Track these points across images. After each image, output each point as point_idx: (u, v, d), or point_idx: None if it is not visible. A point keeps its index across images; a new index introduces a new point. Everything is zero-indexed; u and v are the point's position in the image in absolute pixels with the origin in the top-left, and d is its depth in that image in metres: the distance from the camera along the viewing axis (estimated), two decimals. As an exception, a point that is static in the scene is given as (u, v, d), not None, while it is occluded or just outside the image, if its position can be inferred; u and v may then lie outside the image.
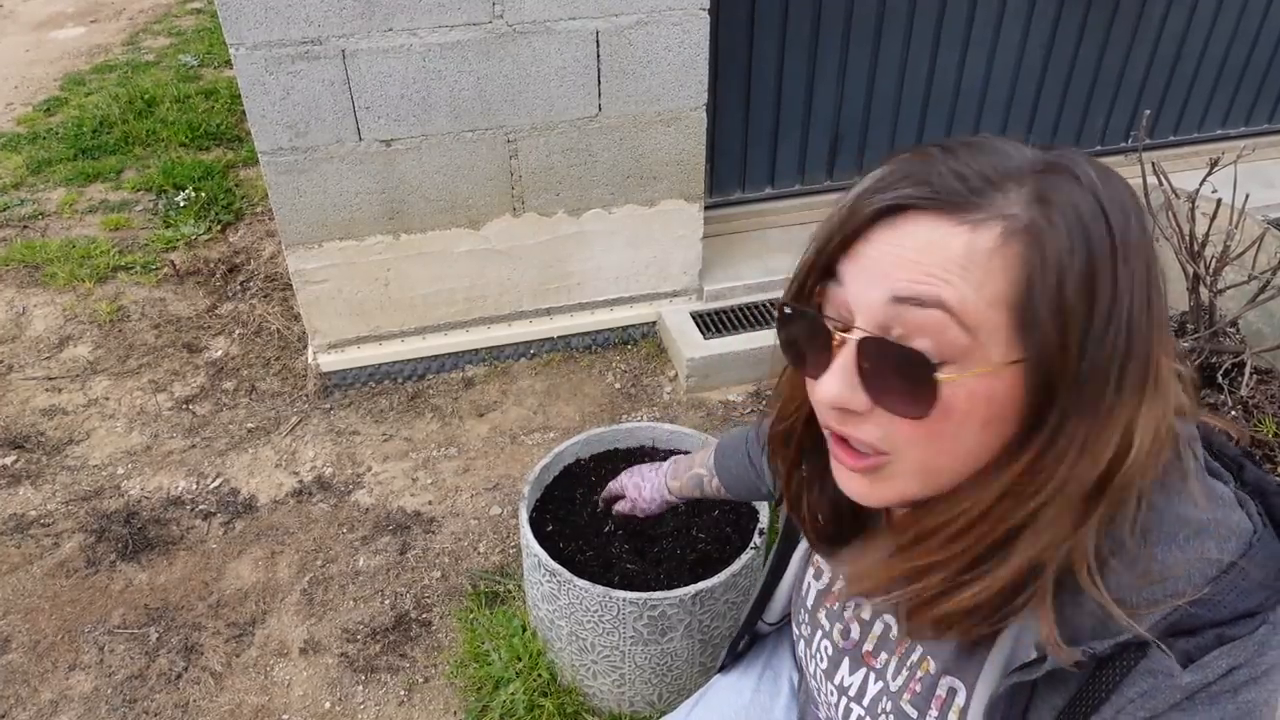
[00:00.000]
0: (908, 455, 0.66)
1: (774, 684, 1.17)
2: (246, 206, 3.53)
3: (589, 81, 2.31)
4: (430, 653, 1.90)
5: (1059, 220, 0.60)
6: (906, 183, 0.63)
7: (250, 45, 2.05)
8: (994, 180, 0.62)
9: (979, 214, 0.61)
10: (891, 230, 0.63)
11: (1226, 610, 0.64)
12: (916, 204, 0.62)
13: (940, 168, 0.62)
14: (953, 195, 0.61)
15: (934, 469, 0.66)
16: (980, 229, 0.61)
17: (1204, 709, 0.64)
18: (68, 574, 2.09)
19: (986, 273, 0.60)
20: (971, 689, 0.75)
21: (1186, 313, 1.99)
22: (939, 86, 2.89)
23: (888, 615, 0.85)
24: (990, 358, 0.61)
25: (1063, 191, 0.61)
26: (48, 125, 4.21)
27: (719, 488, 1.32)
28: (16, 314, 2.95)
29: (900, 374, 0.62)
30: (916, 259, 0.61)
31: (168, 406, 2.58)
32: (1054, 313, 0.60)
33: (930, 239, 0.61)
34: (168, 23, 5.69)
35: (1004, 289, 0.60)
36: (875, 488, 0.69)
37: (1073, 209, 0.61)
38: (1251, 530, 0.67)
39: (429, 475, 2.33)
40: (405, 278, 2.49)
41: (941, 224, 0.61)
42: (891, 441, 0.65)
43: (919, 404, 0.62)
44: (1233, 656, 0.63)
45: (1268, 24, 3.10)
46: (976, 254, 0.60)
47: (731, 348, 2.57)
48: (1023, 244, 0.60)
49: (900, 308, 0.61)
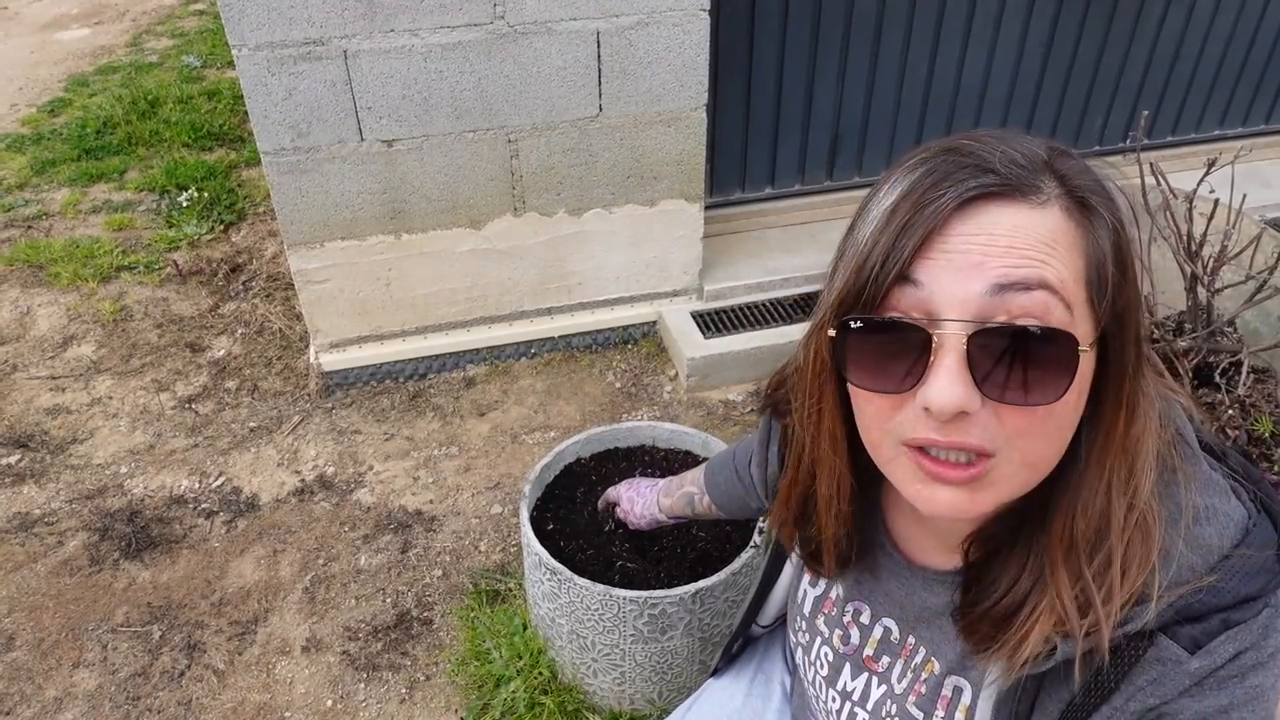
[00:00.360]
0: (1012, 453, 0.62)
1: (766, 687, 1.18)
2: (249, 206, 3.55)
3: (590, 82, 2.32)
4: (431, 651, 1.91)
5: (1095, 201, 0.64)
6: (969, 173, 0.62)
7: (253, 46, 2.06)
8: (1038, 164, 0.63)
9: (1042, 195, 0.62)
10: (969, 222, 0.61)
11: (1230, 595, 0.65)
12: (991, 192, 0.61)
13: (995, 156, 0.62)
14: (1020, 180, 0.62)
15: (1035, 461, 0.64)
16: (1047, 209, 0.62)
17: (1213, 694, 0.64)
18: (71, 572, 2.10)
19: (1067, 250, 0.62)
20: (978, 687, 0.76)
21: (1184, 312, 2.00)
22: (939, 86, 2.90)
23: (887, 619, 0.85)
24: (1085, 332, 0.62)
25: (1082, 174, 0.64)
26: (52, 126, 4.23)
27: (710, 505, 1.31)
28: (21, 314, 2.96)
29: (1034, 359, 0.60)
30: (1010, 244, 0.60)
31: (170, 406, 2.59)
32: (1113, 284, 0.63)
33: (1015, 223, 0.61)
34: (171, 24, 5.70)
35: (1079, 263, 0.62)
36: (976, 497, 0.64)
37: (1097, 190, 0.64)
38: (1246, 516, 0.68)
39: (430, 474, 2.34)
40: (406, 277, 2.50)
41: (1019, 209, 0.62)
42: (996, 439, 0.62)
43: (1056, 386, 0.60)
44: (1239, 641, 0.64)
45: (1265, 24, 3.11)
46: (1055, 233, 0.62)
47: (731, 347, 2.57)
48: (1081, 222, 0.63)
49: (1003, 296, 0.60)
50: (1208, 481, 0.69)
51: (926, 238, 0.61)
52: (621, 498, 1.54)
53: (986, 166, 0.62)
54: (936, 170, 0.63)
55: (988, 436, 0.61)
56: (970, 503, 0.64)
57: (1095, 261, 0.62)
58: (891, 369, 0.63)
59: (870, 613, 0.86)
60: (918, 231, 0.61)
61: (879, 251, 0.63)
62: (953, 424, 0.61)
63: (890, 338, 0.62)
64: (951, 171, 0.62)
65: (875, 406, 0.66)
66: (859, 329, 0.64)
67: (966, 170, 0.62)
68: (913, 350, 0.61)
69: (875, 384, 0.64)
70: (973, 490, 0.63)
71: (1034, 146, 0.64)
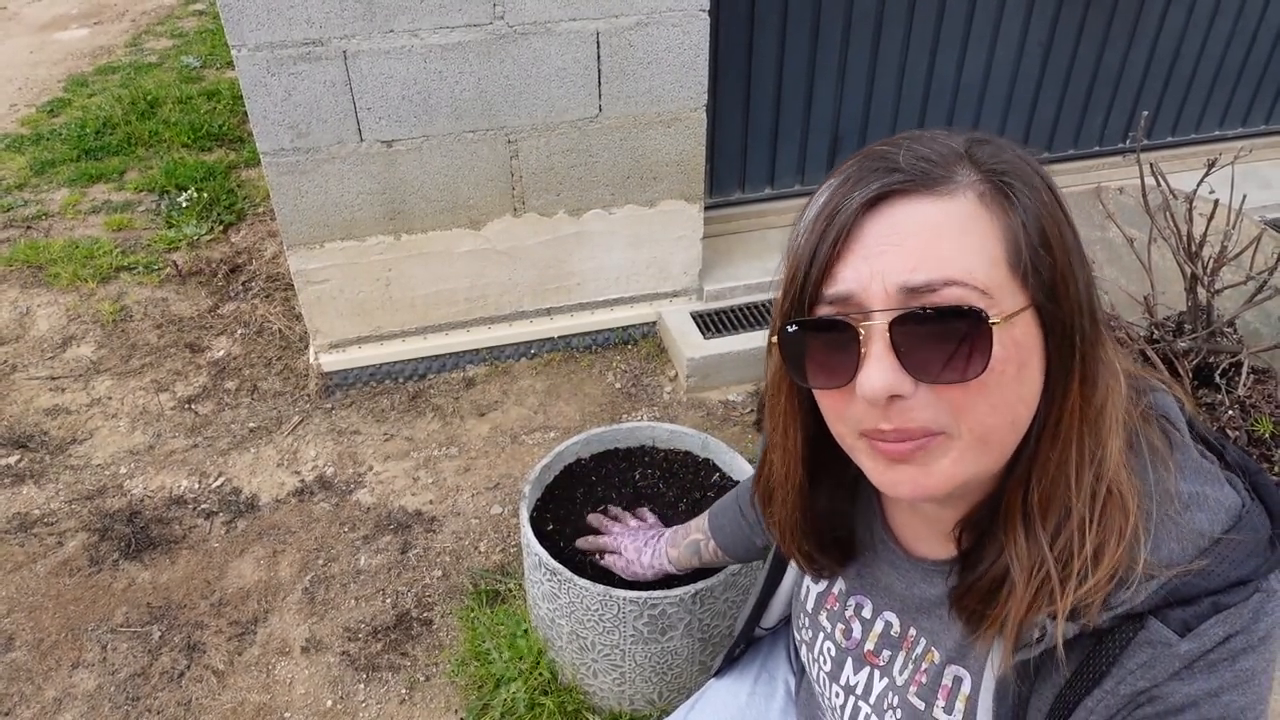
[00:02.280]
0: (961, 427, 0.65)
1: (769, 687, 1.18)
2: (248, 207, 3.55)
3: (589, 82, 2.32)
4: (431, 651, 1.91)
5: (1016, 182, 0.65)
6: (877, 175, 0.65)
7: (252, 46, 2.06)
8: (950, 158, 0.66)
9: (950, 185, 0.65)
10: (880, 221, 0.65)
11: (1220, 579, 0.65)
12: (896, 189, 0.65)
13: (901, 155, 0.66)
14: (924, 175, 0.65)
15: (984, 434, 0.65)
16: (956, 199, 0.64)
17: (1203, 677, 0.65)
18: (71, 573, 2.10)
19: (981, 236, 0.64)
20: (977, 674, 0.77)
21: (1184, 312, 2.00)
22: (938, 86, 2.90)
23: (888, 613, 0.86)
24: (1007, 308, 0.64)
25: (1002, 158, 0.66)
26: (51, 126, 4.23)
27: (716, 550, 1.33)
28: (20, 314, 2.96)
29: (949, 338, 0.62)
30: (914, 244, 0.63)
31: (170, 406, 2.59)
32: (1036, 259, 0.64)
33: (921, 218, 0.64)
34: (170, 24, 5.70)
35: (994, 247, 0.64)
36: (932, 473, 0.66)
37: (1019, 171, 0.66)
38: (1240, 504, 0.69)
39: (430, 475, 2.34)
40: (406, 278, 2.50)
41: (926, 202, 0.64)
42: (940, 418, 0.64)
43: (978, 360, 0.63)
44: (1229, 624, 0.65)
45: (1265, 24, 3.11)
46: (966, 220, 0.64)
47: (731, 347, 2.57)
48: (998, 205, 0.65)
49: (915, 295, 0.63)
50: (1198, 469, 0.70)
51: (843, 241, 0.65)
52: (625, 546, 1.53)
53: (892, 166, 0.65)
54: (850, 176, 0.67)
55: (932, 416, 0.64)
56: (928, 478, 0.66)
57: (1014, 242, 0.64)
58: (834, 366, 0.67)
59: (872, 607, 0.87)
60: (832, 236, 0.66)
61: (805, 259, 0.68)
62: (895, 410, 0.64)
63: (828, 337, 0.67)
64: (863, 175, 0.66)
65: (830, 403, 0.70)
66: (795, 333, 0.68)
67: (875, 173, 0.66)
68: (847, 345, 0.65)
69: (821, 382, 0.69)
70: (926, 466, 0.66)
71: (950, 141, 0.67)
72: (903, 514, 0.83)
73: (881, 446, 0.67)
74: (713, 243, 2.79)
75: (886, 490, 0.69)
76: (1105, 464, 0.67)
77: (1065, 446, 0.66)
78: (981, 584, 0.71)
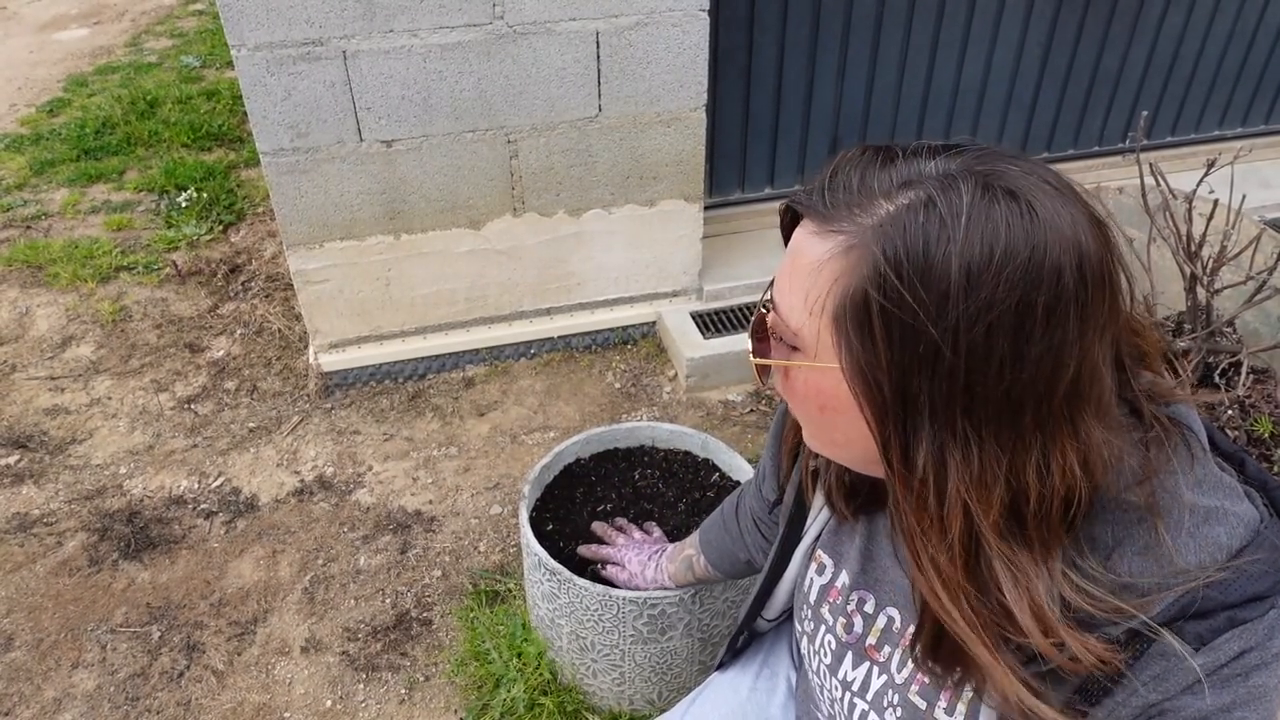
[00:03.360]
0: (801, 418, 0.76)
1: (771, 681, 1.18)
2: (248, 207, 3.55)
3: (589, 82, 2.32)
4: (431, 651, 1.91)
5: (896, 245, 0.59)
6: (810, 186, 0.67)
7: (252, 46, 2.06)
8: (870, 194, 0.62)
9: (837, 225, 0.63)
10: (797, 232, 0.68)
11: (1236, 593, 0.65)
12: (802, 208, 0.67)
13: (839, 176, 0.65)
14: (821, 205, 0.65)
15: (830, 440, 0.74)
16: (827, 239, 0.64)
17: (1215, 692, 0.64)
18: (70, 573, 2.10)
19: (814, 282, 0.64)
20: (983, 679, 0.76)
21: (1184, 312, 2.00)
22: (938, 86, 2.90)
23: (890, 608, 0.85)
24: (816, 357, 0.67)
25: (922, 218, 0.59)
26: (51, 126, 4.23)
27: (706, 566, 1.35)
28: (20, 314, 2.96)
29: (758, 338, 0.73)
30: (790, 263, 0.68)
31: (170, 406, 2.59)
32: (862, 329, 0.61)
33: (800, 244, 0.67)
34: (170, 24, 5.70)
35: (825, 300, 0.64)
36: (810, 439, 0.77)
37: (921, 236, 0.59)
38: (1259, 519, 0.68)
39: (429, 475, 2.34)
40: (406, 278, 2.50)
41: (810, 230, 0.66)
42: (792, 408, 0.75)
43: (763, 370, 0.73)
44: (1244, 640, 0.64)
45: (1265, 24, 3.11)
46: (814, 263, 0.64)
47: (731, 347, 2.57)
48: (849, 261, 0.62)
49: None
50: (1218, 483, 0.69)
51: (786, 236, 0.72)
52: (628, 560, 1.54)
53: (819, 184, 0.66)
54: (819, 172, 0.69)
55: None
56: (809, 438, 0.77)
57: (845, 303, 0.63)
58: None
59: (875, 601, 0.87)
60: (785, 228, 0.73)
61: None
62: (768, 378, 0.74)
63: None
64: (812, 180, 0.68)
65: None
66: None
67: (813, 182, 0.67)
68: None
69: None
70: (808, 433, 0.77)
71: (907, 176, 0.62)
72: None
73: None
74: (712, 242, 2.79)
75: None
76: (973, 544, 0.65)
77: (904, 517, 0.67)
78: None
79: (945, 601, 0.66)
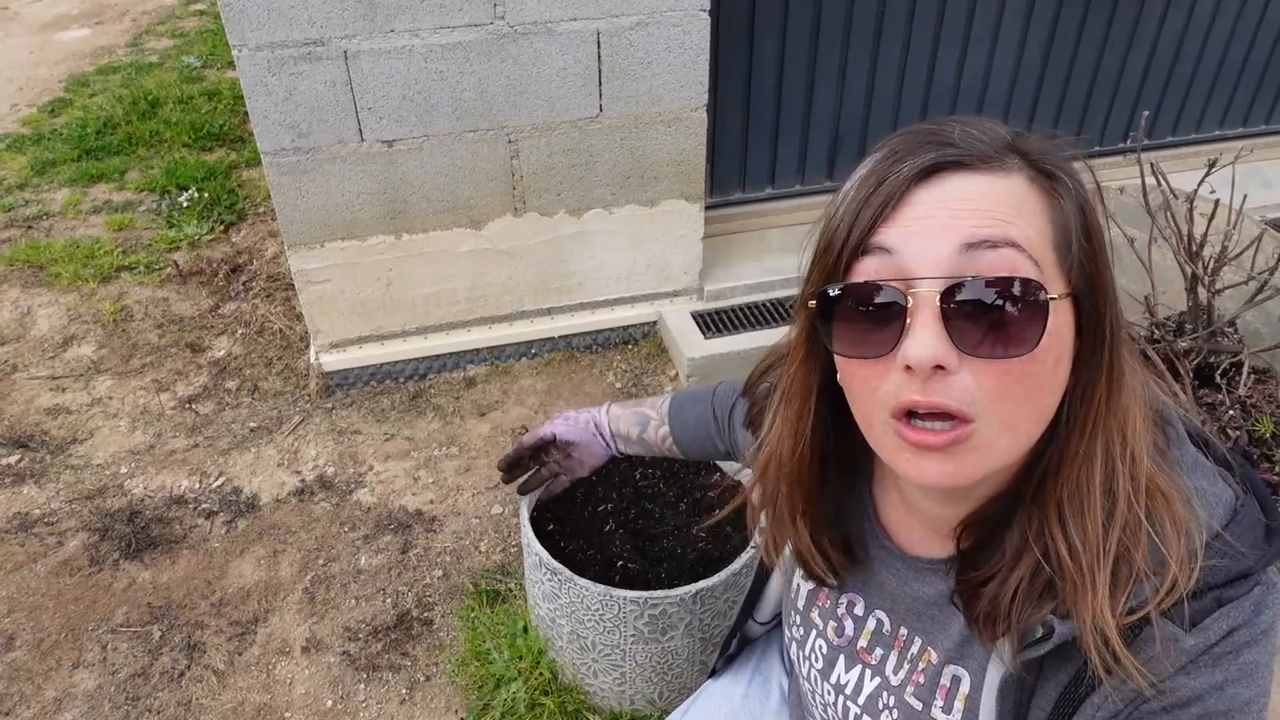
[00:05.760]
0: (991, 414, 0.63)
1: (763, 688, 1.18)
2: (249, 207, 3.55)
3: (590, 82, 2.32)
4: (432, 651, 1.91)
5: (1060, 173, 0.66)
6: (929, 148, 0.65)
7: (253, 46, 2.06)
8: (999, 142, 0.67)
9: (1003, 166, 0.65)
10: (932, 190, 0.64)
11: (1222, 573, 0.66)
12: (950, 162, 0.65)
13: (955, 132, 0.66)
14: (980, 152, 0.65)
15: (1014, 423, 0.64)
16: (1011, 177, 0.65)
17: (1207, 671, 0.66)
18: (71, 572, 2.10)
19: (1032, 214, 0.65)
20: (978, 673, 0.76)
21: (1185, 312, 1.99)
22: (938, 87, 2.90)
23: (880, 611, 0.85)
24: (1054, 289, 0.64)
25: (1046, 152, 0.67)
26: (52, 126, 4.23)
27: (665, 437, 1.25)
28: (21, 314, 2.96)
29: (1005, 311, 0.61)
30: (975, 207, 0.63)
31: (170, 406, 2.59)
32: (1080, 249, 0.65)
33: (977, 189, 0.64)
34: (171, 24, 5.71)
35: (1045, 228, 0.65)
36: (962, 463, 0.64)
37: (1062, 165, 0.67)
38: (1234, 498, 0.70)
39: (430, 474, 2.34)
40: (407, 278, 2.50)
41: (980, 176, 0.65)
42: (976, 402, 0.63)
43: (1029, 337, 0.62)
44: (1232, 618, 0.65)
45: (1265, 24, 3.11)
46: (1020, 196, 0.64)
47: (732, 347, 2.57)
48: (1045, 191, 0.66)
49: (972, 254, 0.62)
50: (1195, 465, 0.71)
51: (890, 206, 0.64)
52: (554, 423, 1.37)
53: (946, 141, 0.66)
54: (898, 149, 0.67)
55: (966, 399, 0.62)
56: (958, 469, 0.65)
57: (1061, 227, 0.65)
58: (872, 335, 0.65)
59: (864, 604, 0.87)
60: (879, 201, 0.65)
61: (844, 225, 0.66)
62: (933, 383, 0.62)
63: (871, 304, 0.65)
64: (912, 149, 0.66)
65: (862, 376, 0.68)
66: (837, 296, 0.66)
67: (926, 146, 0.66)
68: (891, 313, 0.64)
69: (858, 351, 0.67)
70: (957, 457, 0.64)
71: (997, 128, 0.68)
72: (897, 513, 0.83)
73: (911, 435, 0.64)
74: (713, 242, 2.79)
75: (912, 478, 0.67)
76: (1138, 463, 0.67)
77: (1091, 442, 0.66)
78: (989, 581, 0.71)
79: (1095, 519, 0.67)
